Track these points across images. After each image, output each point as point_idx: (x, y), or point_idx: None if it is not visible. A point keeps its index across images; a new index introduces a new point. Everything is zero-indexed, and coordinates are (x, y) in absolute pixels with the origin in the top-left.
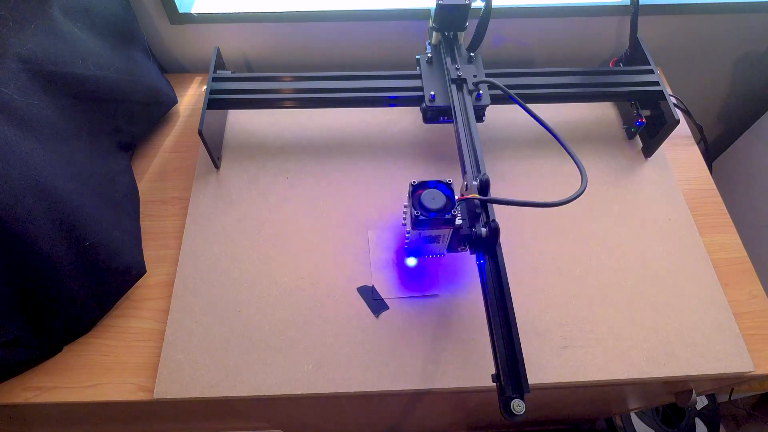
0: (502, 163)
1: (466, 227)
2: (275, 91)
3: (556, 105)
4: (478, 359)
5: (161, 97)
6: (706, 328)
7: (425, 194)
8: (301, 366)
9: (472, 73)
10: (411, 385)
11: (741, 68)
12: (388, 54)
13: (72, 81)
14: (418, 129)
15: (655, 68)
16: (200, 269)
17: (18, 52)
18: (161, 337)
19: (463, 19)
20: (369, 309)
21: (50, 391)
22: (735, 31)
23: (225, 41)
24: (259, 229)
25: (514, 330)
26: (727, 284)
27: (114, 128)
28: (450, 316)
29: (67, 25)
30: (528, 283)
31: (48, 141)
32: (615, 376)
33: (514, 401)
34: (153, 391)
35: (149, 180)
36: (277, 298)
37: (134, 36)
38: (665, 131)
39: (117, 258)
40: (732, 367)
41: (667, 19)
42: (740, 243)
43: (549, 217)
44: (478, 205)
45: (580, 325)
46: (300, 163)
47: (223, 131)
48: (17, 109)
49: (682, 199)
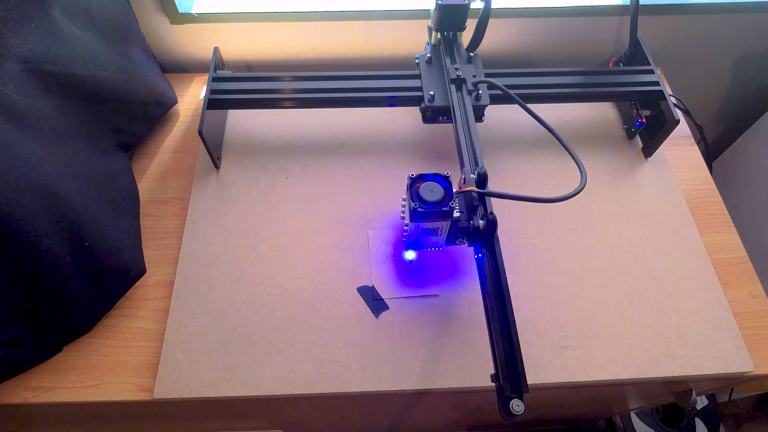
0: (501, 163)
1: (463, 219)
2: (275, 91)
3: (556, 105)
4: (478, 359)
5: (161, 97)
6: (706, 328)
7: (423, 187)
8: (301, 366)
9: (471, 73)
10: (411, 385)
11: (741, 68)
12: (388, 54)
13: (72, 81)
14: (418, 129)
15: (655, 68)
16: (200, 269)
17: (18, 52)
18: (161, 337)
19: (462, 19)
20: (369, 309)
21: (50, 391)
22: (735, 31)
23: (225, 41)
24: (259, 229)
25: (512, 326)
26: (727, 284)
27: (114, 128)
28: (450, 316)
29: (67, 25)
30: (528, 283)
31: (48, 141)
32: (615, 376)
33: (513, 401)
34: (153, 391)
35: (149, 180)
36: (277, 298)
37: (134, 36)
38: (665, 131)
39: (117, 258)
40: (732, 367)
41: (667, 19)
42: (740, 243)
43: (549, 217)
44: (476, 198)
45: (580, 325)
46: (300, 163)
47: (223, 131)
48: (17, 109)
49: (682, 199)
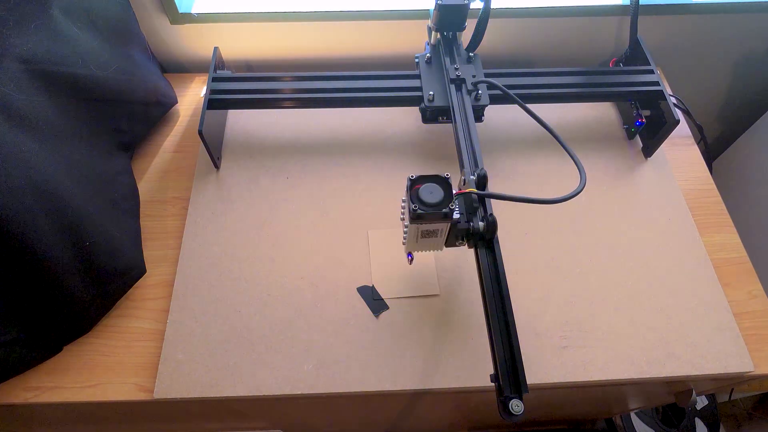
0: (501, 163)
1: (463, 221)
2: (275, 91)
3: (556, 105)
4: (478, 359)
5: (161, 97)
6: (706, 328)
7: (423, 188)
8: (301, 366)
9: (471, 73)
10: (411, 385)
11: (741, 68)
12: (387, 54)
13: (72, 81)
14: (418, 129)
15: (655, 68)
16: (200, 269)
17: (18, 52)
18: (161, 337)
19: (462, 19)
20: (369, 309)
21: (50, 391)
22: (735, 31)
23: (225, 41)
24: (259, 229)
25: (512, 326)
26: (727, 284)
27: (114, 128)
28: (450, 316)
29: (67, 25)
30: (528, 283)
31: (48, 141)
32: (615, 376)
33: (513, 401)
34: (153, 391)
35: (149, 180)
36: (277, 298)
37: (134, 36)
38: (665, 131)
39: (117, 258)
40: (732, 367)
41: (667, 19)
42: (740, 243)
43: (549, 217)
44: (475, 200)
45: (580, 325)
46: (300, 163)
47: (223, 131)
48: (17, 109)
49: (682, 199)
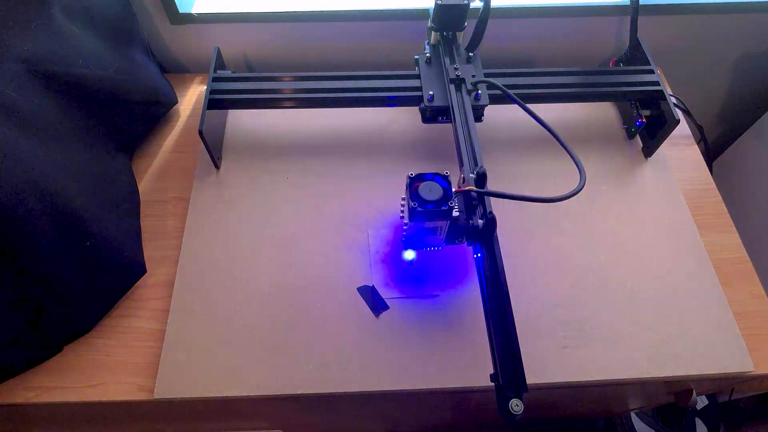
0: (501, 163)
1: (463, 219)
2: (275, 91)
3: (556, 105)
4: (478, 359)
5: (161, 97)
6: (706, 328)
7: (423, 186)
8: (301, 366)
9: (470, 73)
10: (411, 385)
11: (741, 68)
12: (387, 54)
13: (72, 81)
14: (417, 129)
15: (655, 68)
16: (200, 269)
17: (18, 52)
18: (161, 337)
19: (461, 18)
20: (369, 309)
21: (50, 391)
22: (735, 31)
23: (225, 41)
24: (259, 229)
25: (512, 326)
26: (727, 284)
27: (114, 128)
28: (450, 316)
29: (67, 25)
30: (528, 283)
31: (48, 141)
32: (615, 376)
33: (513, 401)
34: (153, 391)
35: (149, 180)
36: (277, 298)
37: (134, 36)
38: (665, 131)
39: (117, 258)
40: (732, 367)
41: (667, 19)
42: (740, 243)
43: (549, 217)
44: (475, 198)
45: (580, 325)
46: (300, 163)
47: (223, 131)
48: (17, 109)
49: (682, 199)
